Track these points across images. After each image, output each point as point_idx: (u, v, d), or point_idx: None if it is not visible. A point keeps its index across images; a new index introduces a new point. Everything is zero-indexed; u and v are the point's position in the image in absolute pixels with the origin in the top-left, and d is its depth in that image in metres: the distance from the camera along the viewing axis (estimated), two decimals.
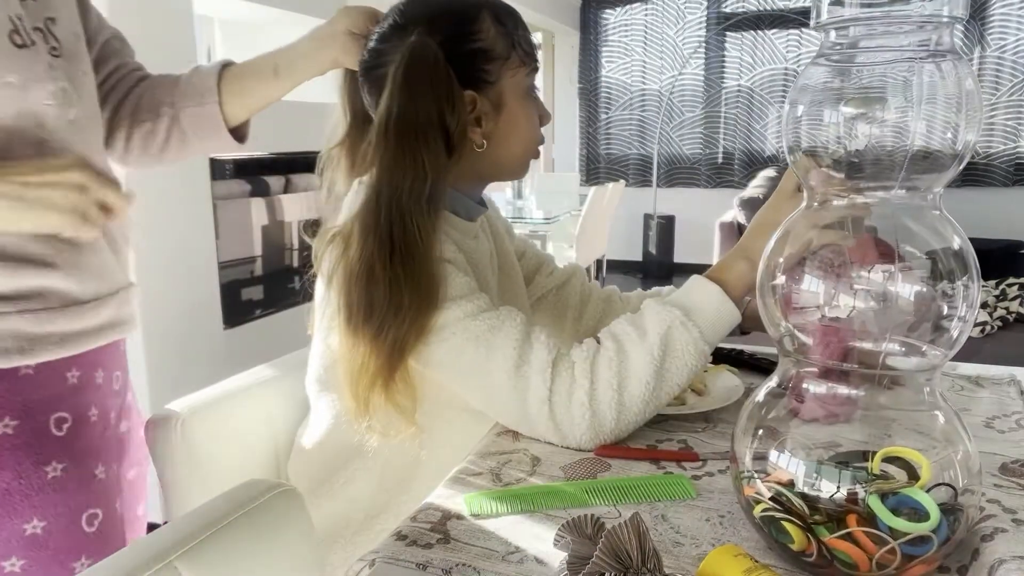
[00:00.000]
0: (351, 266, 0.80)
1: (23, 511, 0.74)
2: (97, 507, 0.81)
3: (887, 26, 0.54)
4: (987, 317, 2.77)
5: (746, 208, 3.68)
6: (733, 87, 5.79)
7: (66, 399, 0.78)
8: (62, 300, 0.77)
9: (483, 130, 0.87)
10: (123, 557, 0.55)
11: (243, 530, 0.62)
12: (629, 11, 5.98)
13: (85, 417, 0.80)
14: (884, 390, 0.59)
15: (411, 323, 0.78)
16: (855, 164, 0.57)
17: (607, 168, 6.21)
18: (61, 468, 0.76)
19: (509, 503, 0.68)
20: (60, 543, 0.76)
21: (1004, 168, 5.13)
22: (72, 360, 0.79)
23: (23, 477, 0.74)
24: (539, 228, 4.35)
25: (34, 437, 0.75)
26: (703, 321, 0.81)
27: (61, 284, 0.76)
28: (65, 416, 0.78)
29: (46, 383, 0.76)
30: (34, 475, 0.74)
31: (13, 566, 0.74)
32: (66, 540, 0.77)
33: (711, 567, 0.52)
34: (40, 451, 0.75)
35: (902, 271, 0.56)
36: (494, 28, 0.85)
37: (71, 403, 0.79)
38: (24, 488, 0.74)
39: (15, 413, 0.74)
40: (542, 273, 1.17)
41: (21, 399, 0.74)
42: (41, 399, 0.76)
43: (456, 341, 0.79)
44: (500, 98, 0.87)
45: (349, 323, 0.80)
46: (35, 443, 0.75)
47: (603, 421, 0.78)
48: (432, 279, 0.79)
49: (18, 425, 0.74)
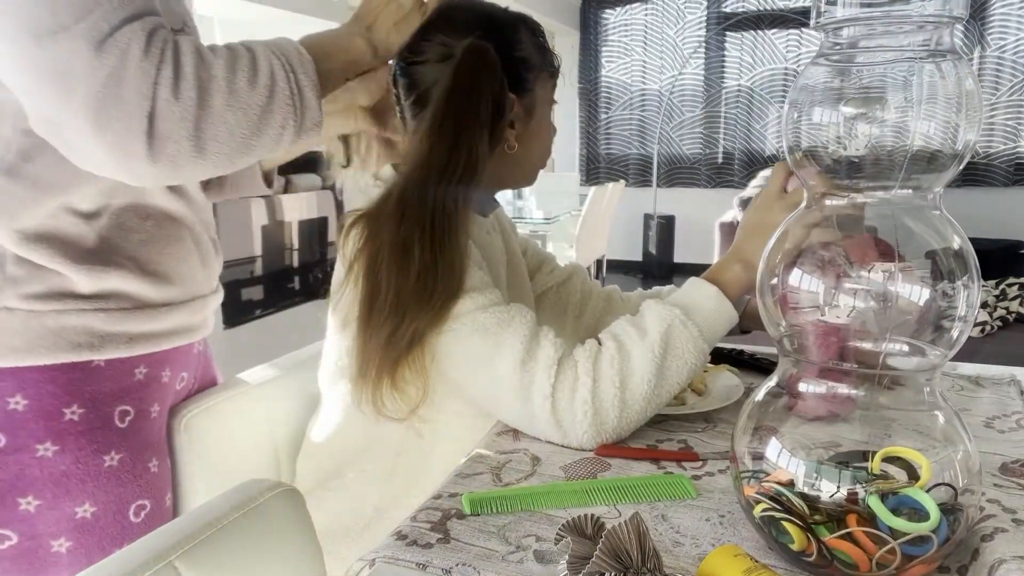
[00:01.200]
0: (381, 249, 0.80)
1: (77, 495, 0.78)
2: (146, 499, 0.84)
3: (887, 26, 0.54)
4: (987, 317, 2.77)
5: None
6: (733, 87, 5.79)
7: (131, 393, 0.82)
8: (135, 303, 0.81)
9: (516, 132, 0.91)
10: (123, 557, 0.55)
11: (243, 530, 0.62)
12: (629, 11, 5.98)
13: (147, 412, 0.84)
14: (884, 390, 0.59)
15: (435, 313, 0.79)
16: (855, 164, 0.57)
17: (607, 168, 6.22)
18: (119, 458, 0.80)
19: (509, 503, 0.68)
20: (106, 530, 0.80)
21: (1004, 168, 5.13)
22: (141, 358, 0.83)
23: (81, 462, 0.77)
24: (539, 228, 4.36)
25: (98, 426, 0.79)
26: (702, 320, 0.82)
27: (136, 288, 0.80)
28: (128, 409, 0.82)
29: (114, 377, 0.80)
30: (92, 462, 0.78)
31: (60, 546, 0.77)
32: (112, 527, 0.80)
33: (711, 567, 0.52)
34: (101, 440, 0.79)
35: (902, 271, 0.56)
36: (530, 40, 0.91)
37: (136, 398, 0.83)
38: (81, 473, 0.78)
39: (82, 402, 0.78)
40: (543, 271, 1.18)
41: (90, 390, 0.78)
42: (108, 392, 0.80)
43: (465, 332, 0.80)
44: (532, 105, 0.92)
45: (373, 305, 0.80)
46: (98, 432, 0.79)
47: (605, 419, 0.78)
48: (461, 269, 0.81)
49: (84, 413, 0.78)
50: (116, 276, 0.78)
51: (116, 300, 0.79)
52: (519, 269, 1.07)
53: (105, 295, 0.78)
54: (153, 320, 0.82)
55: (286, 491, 0.68)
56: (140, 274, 0.80)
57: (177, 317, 0.85)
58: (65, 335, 0.76)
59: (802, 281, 0.59)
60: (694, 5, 5.79)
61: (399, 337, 0.79)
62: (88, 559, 0.78)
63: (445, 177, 0.81)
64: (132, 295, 0.80)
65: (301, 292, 2.61)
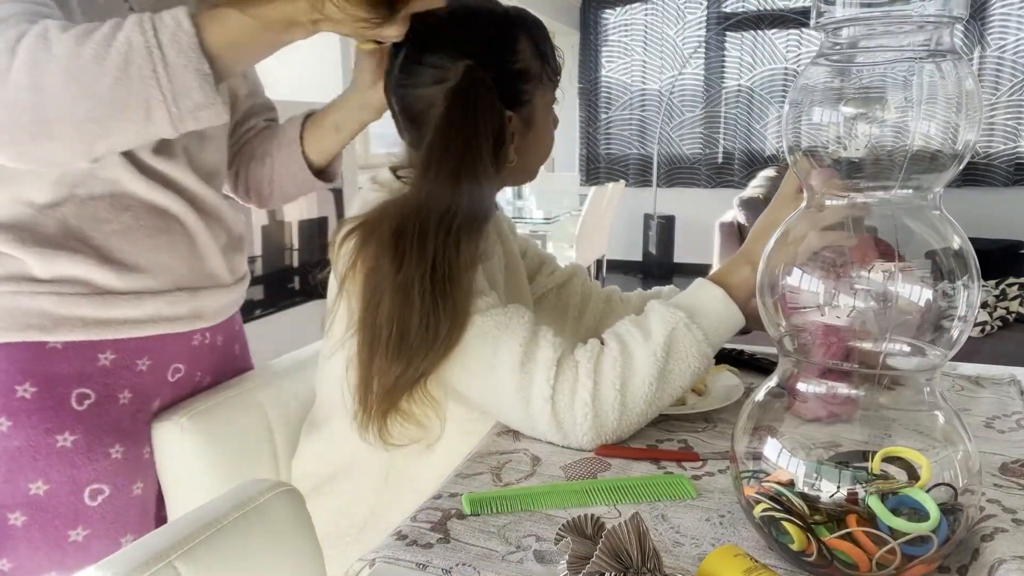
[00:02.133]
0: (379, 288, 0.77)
1: (30, 471, 0.79)
2: (105, 483, 0.83)
3: (887, 26, 0.54)
4: (987, 317, 2.77)
5: (746, 208, 3.68)
6: (733, 87, 5.78)
7: (93, 378, 0.82)
8: (93, 289, 0.81)
9: (515, 146, 0.88)
10: (123, 557, 0.55)
11: (243, 530, 0.62)
12: (629, 11, 5.98)
13: (113, 397, 0.84)
14: (884, 390, 0.59)
15: (442, 353, 0.77)
16: (855, 164, 0.57)
17: (607, 168, 6.21)
18: (72, 440, 0.81)
19: (509, 503, 0.68)
20: (58, 509, 0.81)
21: (1004, 168, 5.12)
22: (106, 343, 0.83)
23: (33, 440, 0.79)
24: (539, 228, 4.36)
25: (50, 405, 0.80)
26: (707, 324, 0.81)
27: (95, 275, 0.80)
28: (88, 392, 0.82)
29: (72, 360, 0.81)
30: (44, 440, 0.79)
31: (16, 520, 0.79)
32: (65, 507, 0.81)
33: (711, 567, 0.52)
34: (54, 419, 0.80)
35: (902, 271, 0.56)
36: (530, 49, 0.87)
37: (98, 382, 0.83)
38: (32, 450, 0.79)
39: (35, 381, 0.79)
40: (543, 272, 1.17)
41: (43, 370, 0.79)
42: (65, 373, 0.80)
43: (464, 336, 0.79)
44: (532, 115, 0.89)
45: (374, 348, 0.77)
46: (50, 411, 0.80)
47: (605, 421, 0.78)
48: (466, 304, 0.78)
49: (36, 392, 0.79)
50: (70, 262, 0.79)
51: (72, 285, 0.80)
52: (518, 272, 1.06)
53: (61, 280, 0.79)
54: (113, 307, 0.82)
55: (286, 491, 0.68)
56: (101, 261, 0.80)
57: (149, 306, 0.84)
58: (17, 315, 0.78)
59: (802, 281, 0.59)
60: (694, 5, 5.79)
61: (406, 380, 0.76)
62: (42, 535, 0.80)
63: (444, 224, 0.77)
64: (90, 281, 0.80)
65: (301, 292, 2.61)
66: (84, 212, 0.80)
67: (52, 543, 0.80)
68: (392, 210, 0.79)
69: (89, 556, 0.82)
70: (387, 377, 0.77)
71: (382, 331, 0.76)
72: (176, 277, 0.87)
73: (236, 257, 0.97)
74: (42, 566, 0.80)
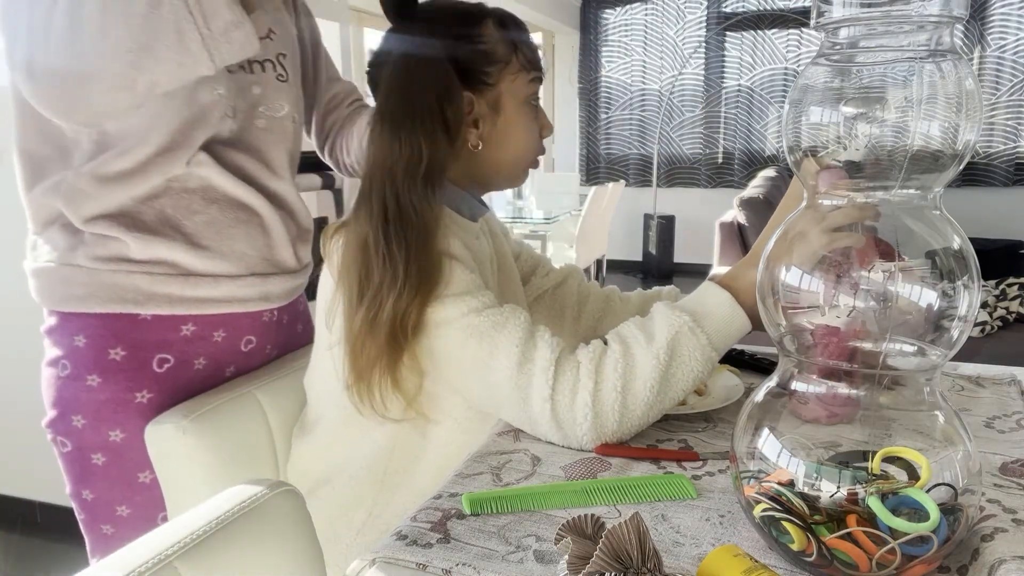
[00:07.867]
0: (348, 246, 0.83)
1: (111, 421, 0.92)
2: None
3: (887, 26, 0.54)
4: (987, 317, 2.77)
5: (746, 208, 3.68)
6: (733, 87, 5.79)
7: (175, 345, 0.94)
8: (180, 270, 0.92)
9: (480, 132, 0.89)
10: (123, 557, 0.55)
11: (243, 530, 0.62)
12: (629, 11, 5.98)
13: (189, 363, 0.96)
14: (884, 390, 0.59)
15: (410, 298, 0.79)
16: (855, 164, 0.57)
17: (607, 168, 6.21)
18: (148, 397, 0.93)
19: (509, 503, 0.68)
20: (132, 453, 0.93)
21: (1004, 168, 5.13)
22: (188, 317, 0.95)
23: (117, 395, 0.91)
24: (539, 228, 4.36)
25: (135, 367, 0.92)
26: (712, 328, 0.80)
27: (182, 258, 0.92)
28: (168, 358, 0.94)
29: (158, 330, 0.93)
30: (125, 396, 0.92)
31: (98, 459, 0.93)
32: (137, 453, 0.92)
33: (711, 567, 0.52)
34: (136, 379, 0.92)
35: (902, 271, 0.56)
36: (497, 33, 0.88)
37: (178, 349, 0.95)
38: (114, 404, 0.91)
39: (125, 345, 0.92)
40: (538, 274, 1.17)
41: (133, 337, 0.92)
42: (150, 341, 0.93)
43: (460, 337, 0.79)
44: (498, 102, 0.90)
45: (350, 304, 0.82)
46: (134, 372, 0.92)
47: (605, 423, 0.78)
48: (432, 261, 0.81)
49: (125, 356, 0.92)
50: (163, 246, 0.90)
51: (162, 266, 0.91)
52: (511, 274, 1.06)
53: (154, 261, 0.91)
54: (196, 287, 0.93)
55: (286, 491, 0.68)
56: (189, 247, 0.92)
57: (225, 288, 0.95)
58: (116, 290, 0.90)
59: (802, 281, 0.59)
60: (694, 5, 5.79)
61: (380, 322, 0.79)
62: (118, 473, 0.94)
63: (390, 169, 0.83)
64: (178, 264, 0.92)
65: None
66: (179, 203, 0.91)
67: (125, 482, 0.94)
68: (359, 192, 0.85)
69: (153, 495, 0.94)
70: (366, 325, 0.80)
71: (353, 288, 0.81)
72: (250, 263, 0.98)
73: (303, 247, 1.07)
74: (116, 499, 0.95)
